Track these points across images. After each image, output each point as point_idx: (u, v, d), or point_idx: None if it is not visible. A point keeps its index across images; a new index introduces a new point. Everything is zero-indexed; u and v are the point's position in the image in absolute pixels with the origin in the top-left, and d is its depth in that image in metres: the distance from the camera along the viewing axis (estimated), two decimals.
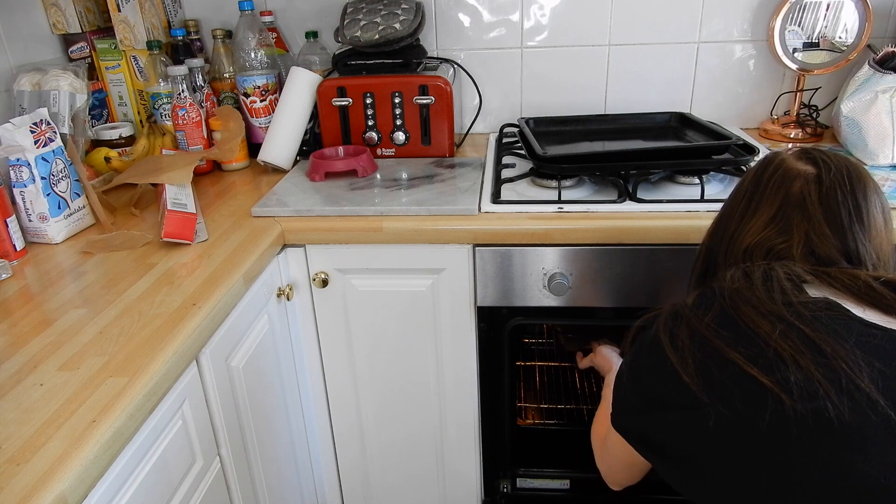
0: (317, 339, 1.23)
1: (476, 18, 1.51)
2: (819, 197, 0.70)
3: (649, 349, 0.68)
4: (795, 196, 0.71)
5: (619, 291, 1.12)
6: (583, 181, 1.21)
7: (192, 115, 1.34)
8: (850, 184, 0.70)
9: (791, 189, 0.71)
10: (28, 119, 1.05)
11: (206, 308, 0.85)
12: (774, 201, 0.72)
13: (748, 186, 0.76)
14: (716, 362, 0.60)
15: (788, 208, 0.71)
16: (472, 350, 1.20)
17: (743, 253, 0.73)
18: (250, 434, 1.00)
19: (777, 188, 0.72)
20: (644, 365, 0.69)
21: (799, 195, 0.71)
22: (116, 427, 0.64)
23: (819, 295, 0.63)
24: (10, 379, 0.71)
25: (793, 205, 0.71)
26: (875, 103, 1.23)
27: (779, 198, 0.72)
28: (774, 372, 0.56)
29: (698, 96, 1.54)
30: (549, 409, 1.55)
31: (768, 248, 0.71)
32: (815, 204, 0.70)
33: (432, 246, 1.12)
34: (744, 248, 0.73)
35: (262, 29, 1.43)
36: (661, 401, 0.64)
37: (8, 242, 1.02)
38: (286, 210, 1.15)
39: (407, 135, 1.37)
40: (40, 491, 0.56)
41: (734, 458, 0.58)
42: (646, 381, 0.68)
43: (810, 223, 0.70)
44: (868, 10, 1.34)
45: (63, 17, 1.38)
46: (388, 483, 1.37)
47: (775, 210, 0.72)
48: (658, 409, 0.65)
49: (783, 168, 0.73)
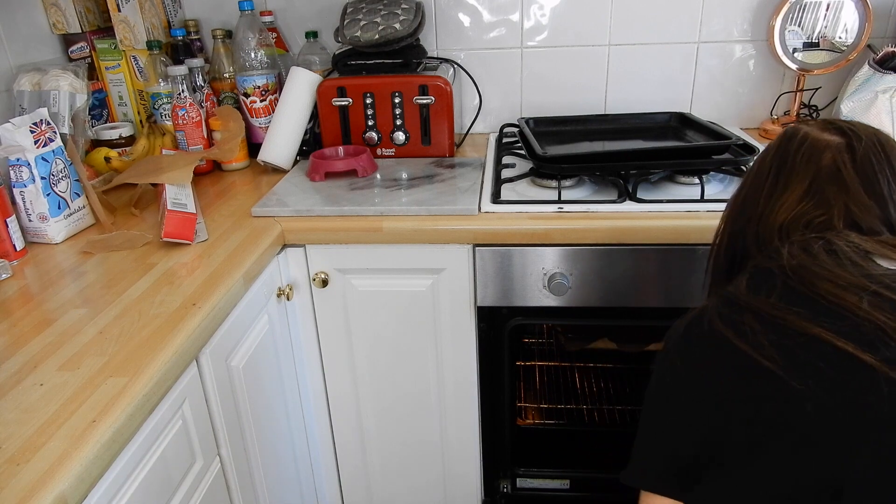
0: (317, 339, 1.23)
1: (476, 18, 1.51)
2: (854, 166, 0.66)
3: (705, 347, 0.61)
4: (828, 167, 0.67)
5: (619, 291, 1.12)
6: (583, 181, 1.21)
7: (192, 115, 1.34)
8: (883, 151, 0.66)
9: (822, 161, 0.67)
10: (28, 119, 1.05)
11: (206, 308, 0.85)
12: (806, 174, 0.68)
13: (772, 162, 0.71)
14: (798, 342, 0.55)
15: (822, 181, 0.67)
16: (473, 350, 1.20)
17: (778, 230, 0.68)
18: (250, 434, 1.00)
19: (807, 161, 0.68)
20: (702, 369, 0.61)
21: (832, 166, 0.66)
22: (116, 427, 0.64)
23: (892, 266, 0.58)
24: (10, 379, 0.71)
25: (826, 176, 0.67)
26: (875, 103, 1.23)
27: (810, 171, 0.67)
28: (879, 349, 0.51)
29: (698, 96, 1.54)
30: (549, 408, 1.56)
31: (806, 223, 0.66)
32: (851, 174, 0.66)
33: (432, 246, 1.12)
34: (778, 226, 0.68)
35: (262, 29, 1.43)
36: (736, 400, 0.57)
37: (8, 242, 1.02)
38: (286, 210, 1.15)
39: (407, 135, 1.37)
40: (40, 491, 0.56)
41: (840, 445, 0.52)
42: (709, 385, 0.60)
43: (849, 194, 0.65)
44: (868, 10, 1.34)
45: (63, 17, 1.38)
46: (388, 482, 1.37)
47: (808, 183, 0.67)
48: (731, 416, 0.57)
49: (809, 140, 0.69)
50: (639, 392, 1.58)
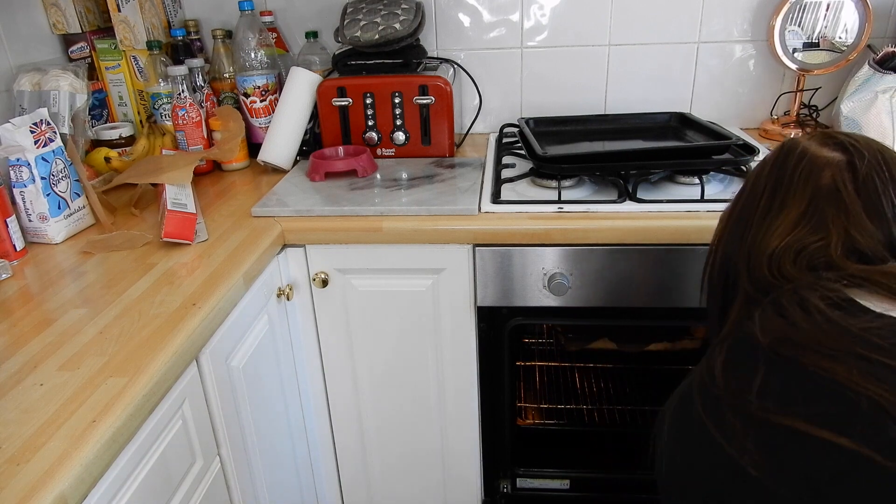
0: (317, 340, 1.23)
1: (476, 18, 1.51)
2: (855, 187, 0.61)
3: (693, 441, 0.57)
4: (826, 188, 0.62)
5: (619, 291, 1.12)
6: (583, 181, 1.21)
7: (192, 115, 1.34)
8: (887, 169, 0.62)
9: (821, 180, 0.62)
10: (28, 119, 1.05)
11: (206, 308, 0.85)
12: (803, 196, 0.63)
13: (767, 181, 0.67)
14: (785, 440, 0.50)
15: (820, 202, 0.62)
16: (473, 350, 1.20)
17: (769, 258, 0.64)
18: (250, 434, 1.00)
19: (804, 181, 0.63)
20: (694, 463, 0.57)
21: (831, 186, 0.62)
22: (116, 427, 0.64)
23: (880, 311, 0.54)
24: (10, 379, 0.71)
25: (825, 198, 0.62)
26: (875, 103, 1.23)
27: (808, 191, 0.63)
28: (880, 434, 0.46)
29: (698, 96, 1.54)
30: (549, 409, 1.56)
31: (799, 250, 0.62)
32: (852, 195, 0.61)
33: (432, 246, 1.12)
34: (769, 252, 0.64)
35: (262, 29, 1.43)
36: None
37: (8, 242, 1.02)
38: (286, 210, 1.15)
39: (407, 135, 1.37)
40: (40, 491, 0.56)
41: None
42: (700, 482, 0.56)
43: (848, 217, 0.61)
44: (868, 10, 1.34)
45: (63, 17, 1.38)
46: (388, 482, 1.37)
47: (805, 205, 0.63)
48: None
49: (808, 157, 0.64)
50: (639, 392, 1.58)
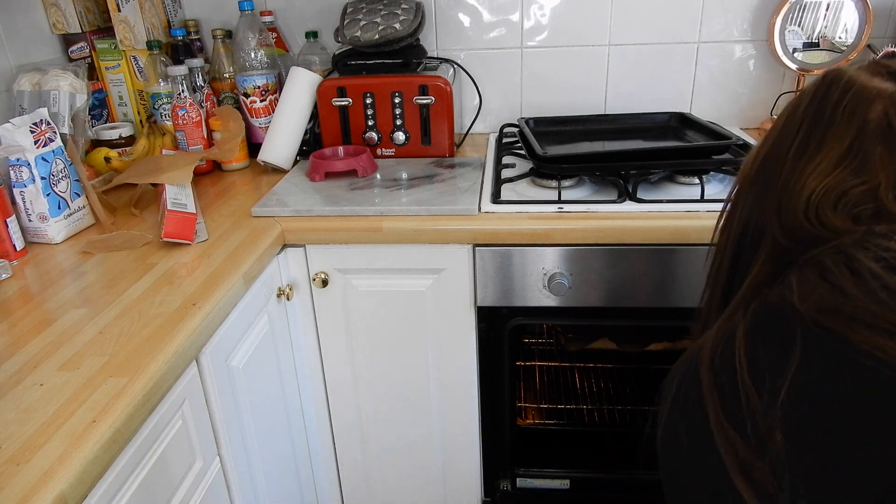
0: (317, 340, 1.23)
1: (476, 18, 1.51)
2: None
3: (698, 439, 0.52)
4: (876, 123, 0.54)
5: (619, 291, 1.12)
6: (583, 181, 1.21)
7: (192, 115, 1.34)
8: None
9: (869, 114, 0.54)
10: (28, 119, 1.05)
11: (206, 308, 0.85)
12: (847, 132, 0.55)
13: (804, 115, 0.58)
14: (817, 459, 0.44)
15: (867, 140, 0.54)
16: (473, 350, 1.20)
17: (805, 202, 0.55)
18: (250, 434, 1.00)
19: (850, 114, 0.55)
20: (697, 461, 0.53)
21: (881, 121, 0.54)
22: (116, 427, 0.64)
23: None
24: (10, 379, 0.71)
25: (873, 135, 0.54)
26: None
27: (853, 127, 0.55)
28: None
29: (698, 96, 1.54)
30: (549, 408, 1.56)
31: (841, 194, 0.54)
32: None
33: (432, 246, 1.12)
34: (805, 197, 0.55)
35: (262, 29, 1.43)
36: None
37: (8, 242, 1.02)
38: (286, 210, 1.15)
39: (407, 135, 1.37)
40: (40, 491, 0.56)
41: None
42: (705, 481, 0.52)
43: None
44: (868, 10, 1.35)
45: (63, 17, 1.38)
46: (388, 482, 1.37)
47: (849, 142, 0.55)
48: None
49: (856, 87, 0.55)
50: (639, 392, 1.58)
